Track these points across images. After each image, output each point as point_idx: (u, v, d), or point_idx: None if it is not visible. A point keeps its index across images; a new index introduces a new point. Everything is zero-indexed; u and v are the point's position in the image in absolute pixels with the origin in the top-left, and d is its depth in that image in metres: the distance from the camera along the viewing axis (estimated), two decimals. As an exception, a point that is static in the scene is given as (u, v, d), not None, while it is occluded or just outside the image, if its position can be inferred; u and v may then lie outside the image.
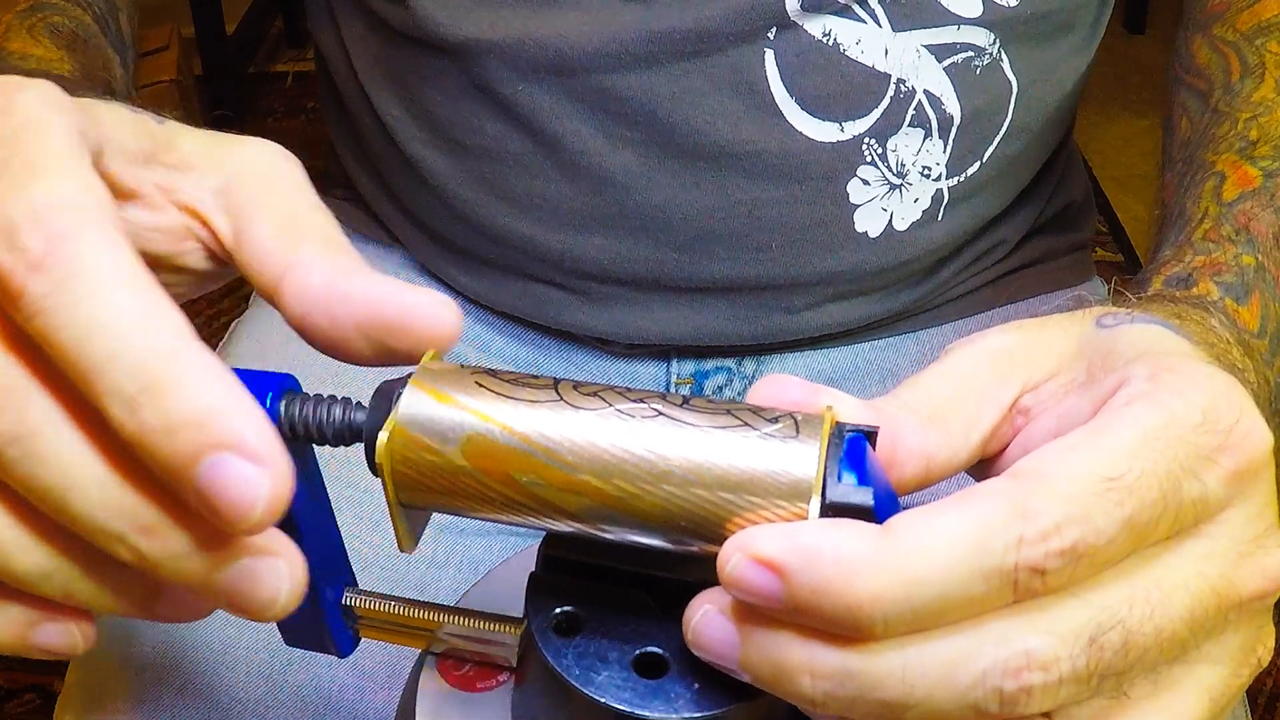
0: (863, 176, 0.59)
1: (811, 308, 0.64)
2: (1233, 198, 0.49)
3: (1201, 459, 0.29)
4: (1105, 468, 0.27)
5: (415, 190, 0.67)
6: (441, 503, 0.32)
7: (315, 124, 2.28)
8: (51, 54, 0.55)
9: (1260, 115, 0.53)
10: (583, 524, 0.31)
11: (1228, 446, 0.29)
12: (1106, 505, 0.27)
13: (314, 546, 0.35)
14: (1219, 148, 0.52)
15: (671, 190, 0.59)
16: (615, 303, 0.64)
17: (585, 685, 0.32)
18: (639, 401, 0.31)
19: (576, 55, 0.57)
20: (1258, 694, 1.36)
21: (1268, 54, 0.56)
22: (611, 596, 0.34)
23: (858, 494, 0.29)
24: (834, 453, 0.30)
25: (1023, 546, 0.26)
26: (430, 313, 0.33)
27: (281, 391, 0.34)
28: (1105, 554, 0.27)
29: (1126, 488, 0.27)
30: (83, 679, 0.60)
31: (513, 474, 0.31)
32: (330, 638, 0.37)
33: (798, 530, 0.28)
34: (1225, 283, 0.44)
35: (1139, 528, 0.28)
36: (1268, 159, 0.50)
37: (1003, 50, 0.60)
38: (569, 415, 0.31)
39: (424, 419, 0.31)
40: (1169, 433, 0.28)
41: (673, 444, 0.30)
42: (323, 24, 0.70)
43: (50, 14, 0.59)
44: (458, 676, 0.38)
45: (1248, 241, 0.46)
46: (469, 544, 0.64)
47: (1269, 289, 0.44)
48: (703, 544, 0.30)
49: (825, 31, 0.57)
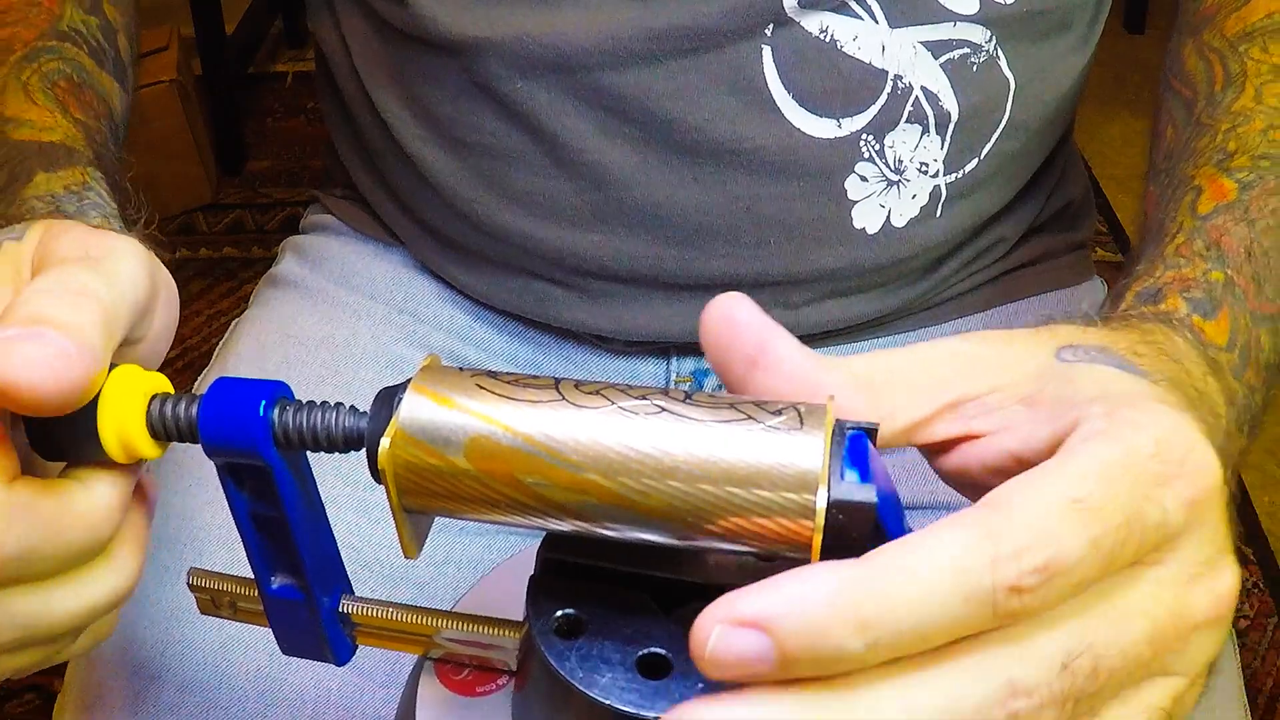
0: (860, 173, 0.59)
1: (810, 304, 0.64)
2: (1207, 211, 0.49)
3: (1159, 485, 0.30)
4: (1071, 491, 0.28)
5: (415, 188, 0.67)
6: (446, 507, 0.32)
7: (315, 124, 2.28)
8: (47, 117, 0.54)
9: (1239, 125, 0.53)
10: (589, 523, 0.31)
11: (1182, 475, 0.30)
12: (1074, 526, 0.28)
13: (310, 554, 0.35)
14: (1198, 161, 0.52)
15: (670, 187, 0.59)
16: (614, 300, 0.64)
17: (589, 688, 0.32)
18: (641, 399, 0.31)
19: (575, 53, 0.57)
20: (1258, 694, 1.35)
21: (1249, 61, 0.56)
22: (612, 598, 0.34)
23: (861, 491, 0.29)
24: (836, 450, 0.30)
25: (998, 566, 0.27)
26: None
27: (274, 399, 0.33)
28: (1076, 574, 0.28)
29: (1092, 510, 0.28)
30: (82, 679, 0.60)
31: (517, 475, 0.31)
32: (328, 645, 0.37)
33: (773, 582, 0.27)
34: (1193, 299, 0.44)
35: (1106, 549, 0.28)
36: (1243, 170, 0.51)
37: (999, 47, 0.60)
38: (572, 414, 0.31)
39: (426, 423, 0.31)
40: (1128, 461, 0.30)
41: (677, 440, 0.30)
42: (323, 22, 0.71)
43: (45, 61, 0.58)
44: (457, 681, 0.37)
45: (1218, 257, 0.46)
46: (468, 543, 0.64)
47: (1238, 303, 0.45)
48: (709, 540, 0.30)
49: (822, 28, 0.57)
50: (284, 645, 0.38)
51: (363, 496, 0.63)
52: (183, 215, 2.09)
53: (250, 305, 0.76)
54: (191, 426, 0.34)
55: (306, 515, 0.35)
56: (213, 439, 0.34)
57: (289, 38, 2.59)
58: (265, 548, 0.36)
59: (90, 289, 0.35)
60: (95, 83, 0.60)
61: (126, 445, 0.35)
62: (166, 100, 1.97)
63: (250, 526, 0.35)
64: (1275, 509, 1.56)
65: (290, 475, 0.34)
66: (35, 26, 0.60)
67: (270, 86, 2.45)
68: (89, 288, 0.35)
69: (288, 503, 0.34)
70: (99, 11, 0.64)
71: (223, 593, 0.38)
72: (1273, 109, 0.53)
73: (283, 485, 0.34)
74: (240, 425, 0.33)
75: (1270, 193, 0.49)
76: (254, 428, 0.33)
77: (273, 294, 0.74)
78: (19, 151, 0.51)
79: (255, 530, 0.36)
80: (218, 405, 0.33)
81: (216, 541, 0.60)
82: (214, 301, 1.91)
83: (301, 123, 2.32)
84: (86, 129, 0.56)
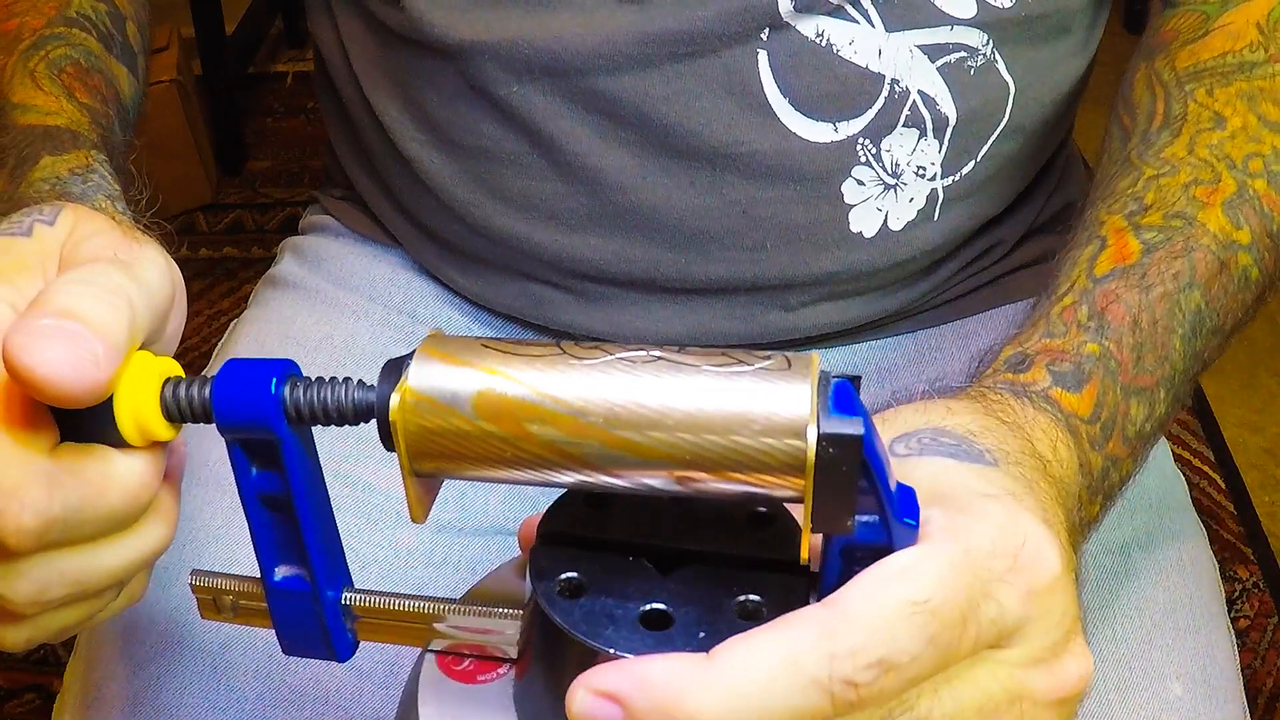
0: (857, 177, 0.60)
1: (807, 307, 0.64)
2: (1104, 273, 0.49)
3: (996, 582, 0.32)
4: (909, 594, 0.31)
5: (413, 190, 0.67)
6: (455, 466, 0.33)
7: (315, 124, 2.28)
8: (52, 102, 0.55)
9: (1163, 175, 0.52)
10: (595, 470, 0.32)
11: (1018, 568, 0.32)
12: (910, 626, 0.30)
13: (316, 538, 0.36)
14: (1113, 205, 0.52)
15: (667, 190, 0.60)
16: (611, 302, 0.64)
17: (595, 639, 0.33)
18: (638, 349, 0.33)
19: (571, 57, 0.57)
20: (1258, 694, 1.35)
21: (1192, 104, 0.55)
22: (612, 563, 0.35)
23: (849, 425, 0.31)
24: (823, 392, 0.32)
25: (835, 662, 0.30)
26: None
27: (285, 376, 0.35)
28: (912, 670, 0.30)
29: (930, 611, 0.30)
30: (82, 679, 0.61)
31: (524, 424, 0.32)
32: (330, 640, 0.37)
33: (632, 663, 0.30)
34: (1059, 371, 0.45)
35: (944, 646, 0.31)
36: (1153, 230, 0.50)
37: (996, 51, 0.60)
38: (574, 364, 0.32)
39: (435, 380, 0.33)
40: (966, 562, 0.32)
41: (675, 382, 0.32)
42: (322, 24, 0.71)
43: (53, 48, 0.59)
44: (458, 670, 0.38)
45: (1099, 328, 0.47)
46: (468, 543, 0.64)
47: (1110, 376, 0.46)
48: (708, 477, 0.32)
49: (818, 32, 0.57)
50: (285, 644, 0.38)
51: (360, 498, 0.63)
52: (183, 215, 2.09)
53: (249, 305, 0.76)
54: (205, 407, 0.35)
55: (314, 497, 0.36)
56: (226, 417, 0.35)
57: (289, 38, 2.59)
58: (272, 533, 0.37)
59: (123, 291, 0.37)
60: (103, 67, 0.61)
61: (142, 428, 0.36)
62: (166, 100, 1.97)
63: (258, 509, 0.36)
64: (1275, 509, 1.56)
65: (300, 450, 0.35)
66: (43, 14, 0.61)
67: (270, 86, 2.45)
68: (122, 289, 0.37)
69: (296, 480, 0.35)
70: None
71: (225, 592, 0.38)
72: (1201, 162, 0.52)
73: (293, 460, 0.35)
74: (253, 401, 0.34)
75: (1175, 255, 0.49)
76: (266, 403, 0.34)
77: (272, 294, 0.74)
78: (25, 136, 0.52)
79: (263, 512, 0.36)
80: (230, 384, 0.35)
81: (216, 542, 0.61)
82: (214, 301, 1.91)
83: (301, 123, 2.33)
84: (92, 113, 0.56)
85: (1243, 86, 0.55)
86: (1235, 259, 0.50)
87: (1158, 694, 0.56)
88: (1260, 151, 0.53)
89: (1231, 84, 0.55)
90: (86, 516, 0.37)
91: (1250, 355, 1.74)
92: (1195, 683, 0.57)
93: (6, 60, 0.58)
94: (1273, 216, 0.52)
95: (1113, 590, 0.59)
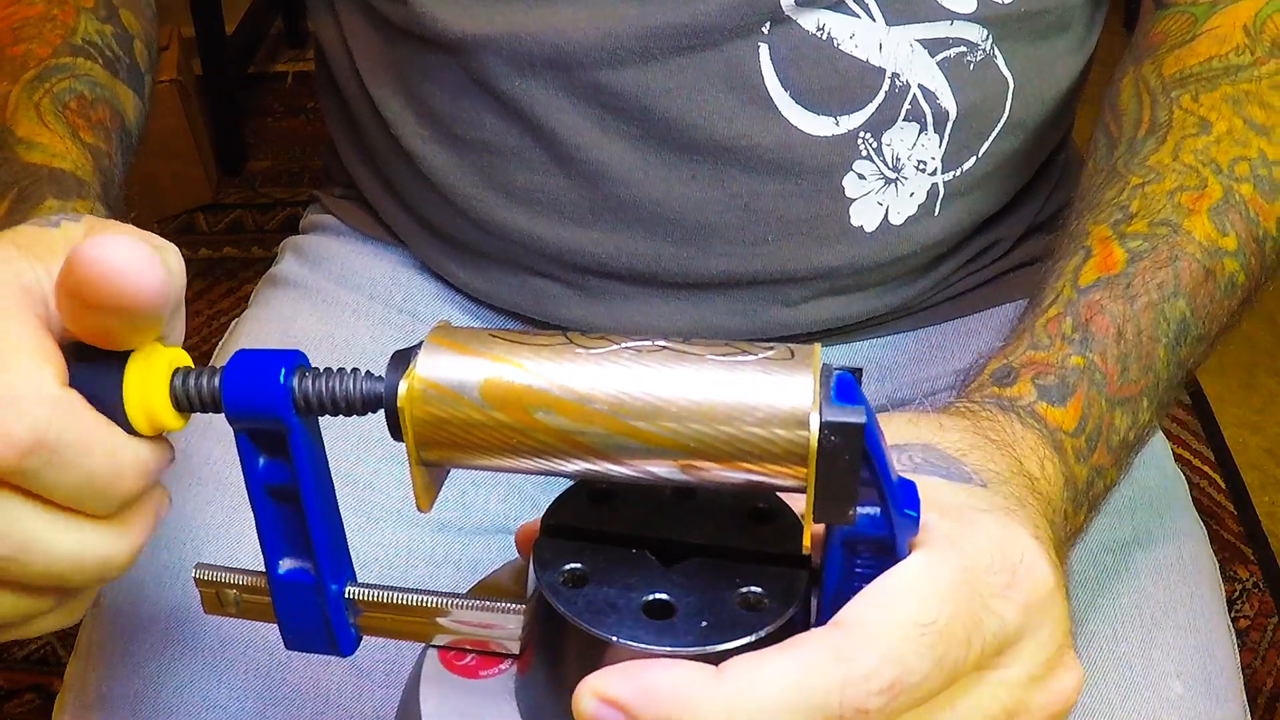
0: (858, 171, 0.60)
1: (808, 301, 0.64)
2: (1088, 283, 0.49)
3: (995, 596, 0.32)
4: (918, 616, 0.31)
5: (415, 186, 0.67)
6: (462, 455, 0.34)
7: (315, 124, 2.28)
8: (58, 143, 0.55)
9: (1149, 183, 0.52)
10: (600, 458, 0.33)
11: (1016, 582, 0.33)
12: (919, 647, 0.30)
13: (321, 530, 0.36)
14: (1098, 215, 0.52)
15: (668, 184, 0.60)
16: (612, 297, 0.64)
17: (598, 628, 0.33)
18: (644, 339, 0.33)
19: (573, 50, 0.57)
20: (1258, 694, 1.35)
21: (1177, 111, 0.55)
22: (614, 554, 0.36)
23: (851, 413, 0.31)
24: (825, 382, 0.32)
25: (847, 688, 0.30)
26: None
27: (294, 367, 0.35)
28: (921, 690, 0.31)
29: (938, 631, 0.31)
30: (82, 679, 0.61)
31: (531, 411, 0.32)
32: (333, 635, 0.38)
33: (640, 670, 0.30)
34: (1044, 385, 0.45)
35: (950, 665, 0.31)
36: (1138, 238, 0.50)
37: (996, 46, 0.60)
38: (581, 354, 0.33)
39: (443, 368, 0.33)
40: (969, 579, 0.32)
41: (681, 370, 0.32)
42: (324, 20, 0.71)
43: (57, 80, 0.58)
44: (460, 666, 0.38)
45: (1083, 340, 0.47)
46: (468, 542, 0.64)
47: (1094, 388, 0.46)
48: (712, 466, 0.32)
49: (819, 26, 0.57)
50: (288, 638, 0.38)
51: (361, 496, 0.63)
52: (183, 215, 2.09)
53: (250, 305, 0.76)
54: (214, 396, 0.36)
55: (321, 488, 0.36)
56: (235, 406, 0.35)
57: (289, 38, 2.59)
58: (277, 525, 0.37)
59: (158, 253, 0.36)
60: (109, 96, 0.60)
61: (151, 417, 0.36)
62: (166, 100, 1.97)
63: (264, 500, 0.36)
64: (1275, 509, 1.56)
65: (308, 440, 0.35)
66: (49, 43, 0.60)
67: (270, 86, 2.46)
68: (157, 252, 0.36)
69: (304, 470, 0.35)
70: (114, 20, 0.64)
71: (228, 586, 0.38)
72: (1186, 167, 0.52)
73: (300, 450, 0.35)
74: (262, 391, 0.34)
75: (1160, 264, 0.49)
76: (275, 392, 0.34)
77: (272, 294, 0.74)
78: (30, 173, 0.52)
79: (269, 504, 0.36)
80: (239, 374, 0.35)
81: (217, 540, 0.61)
82: (214, 301, 1.91)
83: (301, 123, 2.33)
84: (95, 155, 0.56)
85: (1228, 90, 0.55)
86: (1221, 265, 0.50)
87: (1158, 693, 0.56)
88: (1246, 155, 0.53)
89: (1217, 88, 0.55)
90: (71, 464, 0.35)
91: (1250, 355, 1.74)
92: (1195, 681, 0.57)
93: (11, 88, 0.57)
94: (1259, 221, 0.52)
95: (1113, 589, 0.59)
